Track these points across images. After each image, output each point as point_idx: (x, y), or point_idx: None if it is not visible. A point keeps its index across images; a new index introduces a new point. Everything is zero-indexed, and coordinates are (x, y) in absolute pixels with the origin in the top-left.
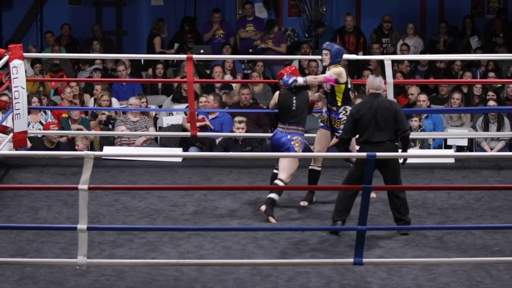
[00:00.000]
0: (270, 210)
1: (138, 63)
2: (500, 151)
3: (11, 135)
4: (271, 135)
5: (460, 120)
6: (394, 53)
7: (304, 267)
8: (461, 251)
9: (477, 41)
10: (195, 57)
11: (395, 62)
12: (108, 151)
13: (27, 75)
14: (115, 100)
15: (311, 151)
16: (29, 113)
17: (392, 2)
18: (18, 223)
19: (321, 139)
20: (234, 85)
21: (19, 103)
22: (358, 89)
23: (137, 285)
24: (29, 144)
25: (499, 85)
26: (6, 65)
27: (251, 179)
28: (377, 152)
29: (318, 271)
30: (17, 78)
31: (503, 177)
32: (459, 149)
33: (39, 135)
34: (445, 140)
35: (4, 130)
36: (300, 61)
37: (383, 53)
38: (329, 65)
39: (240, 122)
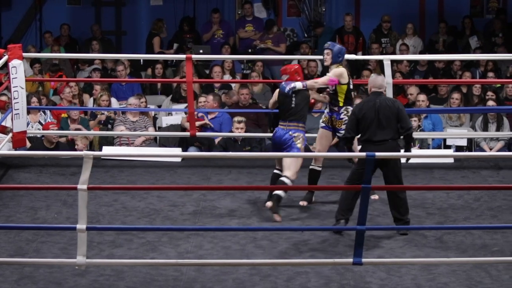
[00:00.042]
0: (276, 207)
1: (137, 63)
2: (499, 151)
3: (10, 135)
4: (271, 134)
5: (459, 120)
6: (393, 53)
7: (303, 267)
8: (460, 251)
9: (476, 41)
10: (194, 57)
11: (394, 62)
12: (107, 151)
13: (26, 75)
14: (114, 100)
15: (311, 151)
16: (28, 113)
17: (391, 2)
18: (17, 223)
19: (322, 139)
20: (233, 85)
21: (18, 103)
22: (357, 89)
23: (136, 285)
24: (28, 144)
25: (498, 85)
26: (5, 65)
27: (250, 179)
28: (380, 150)
29: (317, 271)
30: (16, 78)
31: (502, 177)
32: (458, 149)
33: (38, 135)
34: (444, 140)
35: (3, 130)
36: (299, 61)
37: (382, 53)
38: (331, 65)
39: (239, 122)
